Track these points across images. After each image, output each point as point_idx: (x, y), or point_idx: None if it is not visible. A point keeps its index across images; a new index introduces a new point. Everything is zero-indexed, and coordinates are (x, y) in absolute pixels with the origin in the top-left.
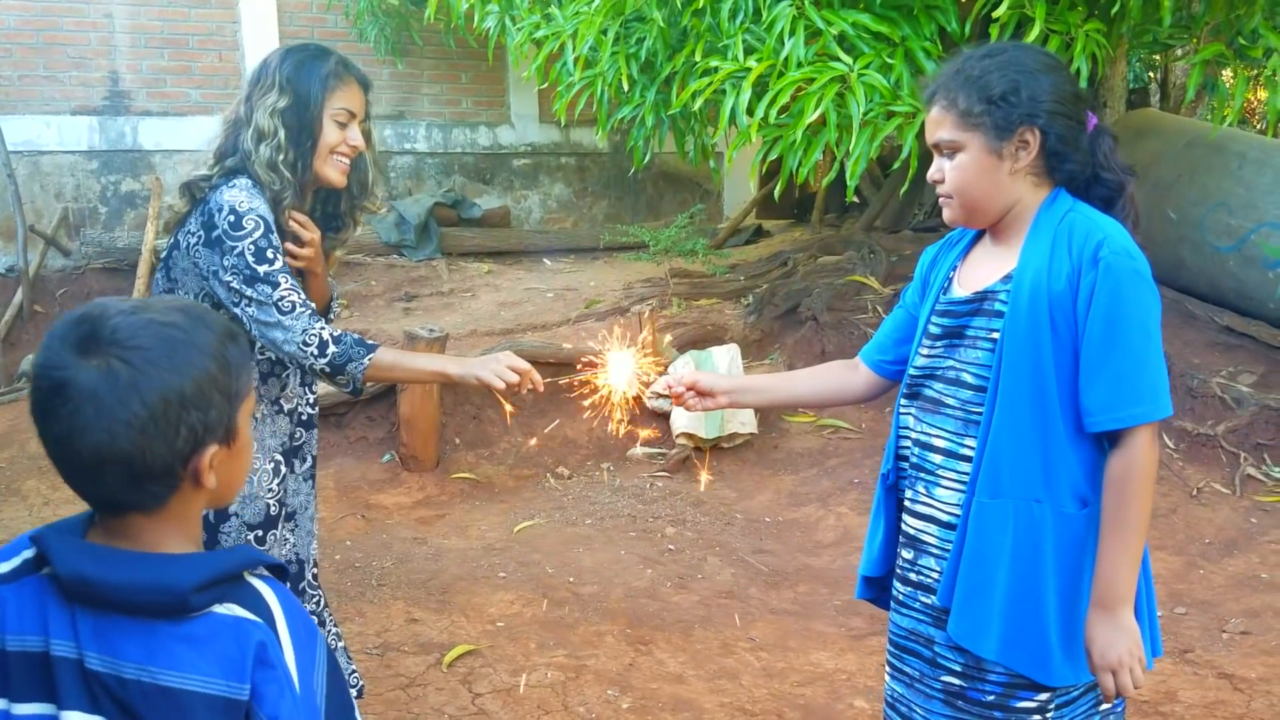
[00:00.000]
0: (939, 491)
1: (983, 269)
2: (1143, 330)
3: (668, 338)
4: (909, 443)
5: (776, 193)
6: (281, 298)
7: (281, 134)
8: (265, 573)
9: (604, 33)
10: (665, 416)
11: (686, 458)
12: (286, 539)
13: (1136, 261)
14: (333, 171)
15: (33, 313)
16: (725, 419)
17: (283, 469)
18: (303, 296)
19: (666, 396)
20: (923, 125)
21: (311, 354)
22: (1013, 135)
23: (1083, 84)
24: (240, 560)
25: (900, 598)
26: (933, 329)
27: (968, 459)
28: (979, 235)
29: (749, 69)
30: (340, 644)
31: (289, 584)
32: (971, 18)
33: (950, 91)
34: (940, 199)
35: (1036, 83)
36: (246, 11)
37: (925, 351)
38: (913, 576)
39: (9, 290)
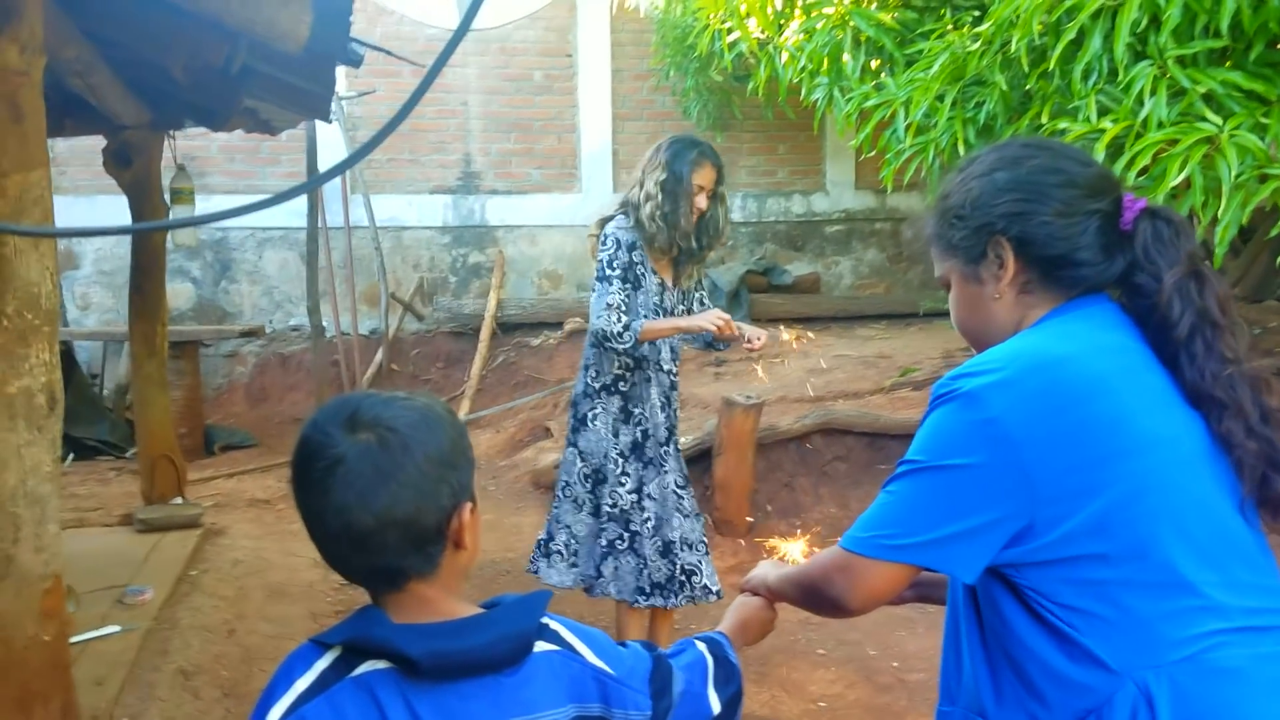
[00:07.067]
0: None
1: None
2: (905, 464)
3: None
4: None
5: None
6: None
7: (659, 197)
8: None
9: (940, 99)
10: None
11: None
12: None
13: (955, 383)
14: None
15: (390, 370)
16: None
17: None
18: (618, 300)
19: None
20: None
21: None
22: (985, 253)
23: None
24: (545, 598)
25: None
26: None
27: None
28: None
29: (1103, 130)
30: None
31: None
32: None
33: (930, 220)
34: None
35: (992, 183)
36: (584, 96)
37: None
38: None
39: (372, 350)
